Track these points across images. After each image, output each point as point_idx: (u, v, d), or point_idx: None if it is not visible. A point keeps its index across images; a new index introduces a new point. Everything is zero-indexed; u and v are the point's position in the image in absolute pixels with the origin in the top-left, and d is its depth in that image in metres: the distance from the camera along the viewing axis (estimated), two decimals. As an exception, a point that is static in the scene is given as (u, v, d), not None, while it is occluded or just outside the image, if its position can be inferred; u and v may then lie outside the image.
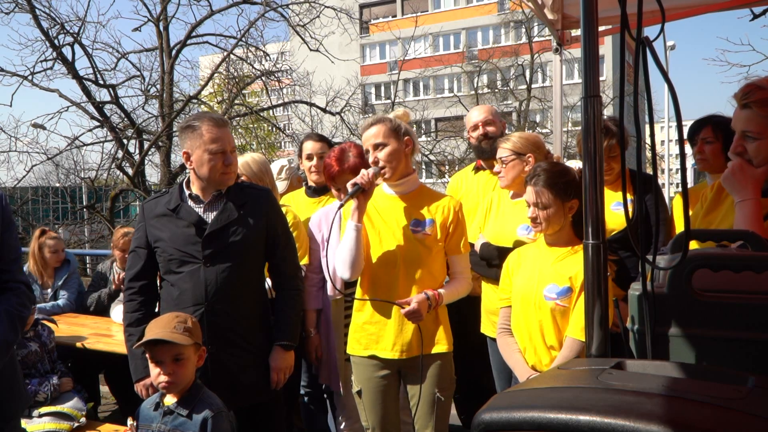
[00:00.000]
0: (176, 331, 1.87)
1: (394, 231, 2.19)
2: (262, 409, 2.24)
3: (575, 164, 2.42)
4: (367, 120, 2.25)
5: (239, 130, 13.08)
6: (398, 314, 2.15)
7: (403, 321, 2.14)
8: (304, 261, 2.65)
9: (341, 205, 2.13)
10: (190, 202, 2.22)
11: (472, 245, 2.54)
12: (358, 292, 2.24)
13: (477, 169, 3.04)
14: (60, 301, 3.82)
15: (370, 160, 2.19)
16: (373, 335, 2.19)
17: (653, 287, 1.22)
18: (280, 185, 3.23)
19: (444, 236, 2.21)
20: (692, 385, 0.91)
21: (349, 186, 2.11)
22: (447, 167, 14.96)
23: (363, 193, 2.11)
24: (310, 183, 3.03)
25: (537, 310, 2.06)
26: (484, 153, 2.93)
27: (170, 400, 1.91)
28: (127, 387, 3.61)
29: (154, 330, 1.87)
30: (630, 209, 2.43)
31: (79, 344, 3.04)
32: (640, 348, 1.24)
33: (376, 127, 2.18)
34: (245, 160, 2.80)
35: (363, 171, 2.12)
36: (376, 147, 2.17)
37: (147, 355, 1.92)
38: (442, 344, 2.17)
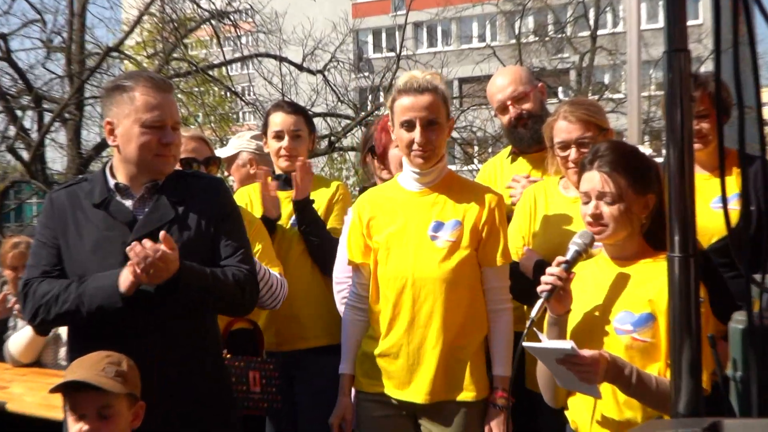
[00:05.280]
0: (105, 374, 1.89)
1: (407, 240, 2.35)
2: None
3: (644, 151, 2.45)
4: (414, 81, 2.34)
5: (179, 95, 13.10)
6: (419, 347, 2.31)
7: (424, 356, 2.30)
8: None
9: (532, 322, 2.10)
10: (117, 196, 2.26)
11: (515, 263, 2.58)
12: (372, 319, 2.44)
13: (514, 155, 3.07)
14: None
15: (416, 138, 2.31)
16: (384, 370, 2.36)
17: (762, 319, 1.24)
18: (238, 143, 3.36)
19: (474, 242, 2.35)
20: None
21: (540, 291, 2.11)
22: (476, 148, 14.96)
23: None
24: (279, 171, 3.07)
25: (604, 349, 2.07)
26: (523, 141, 2.95)
27: None
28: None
29: (76, 371, 1.90)
30: (738, 207, 2.46)
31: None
32: (744, 402, 1.26)
33: (431, 96, 2.31)
34: None
35: (551, 270, 2.10)
36: (429, 124, 2.30)
37: (66, 406, 1.93)
38: (469, 390, 2.31)
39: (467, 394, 2.32)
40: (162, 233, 2.05)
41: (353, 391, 2.50)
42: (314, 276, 2.99)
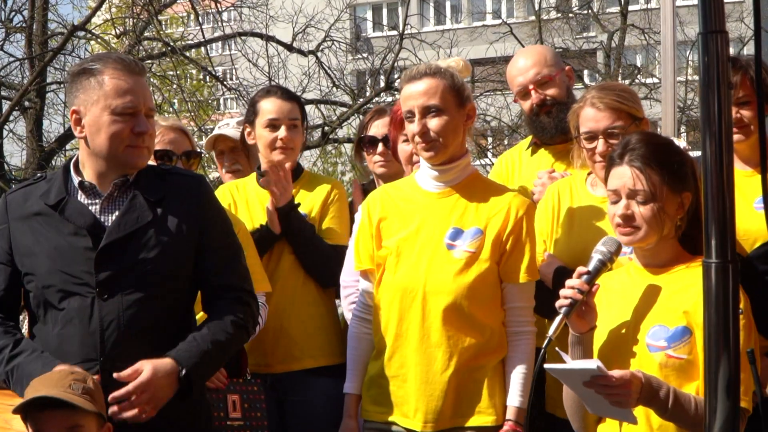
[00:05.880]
0: (72, 391, 1.91)
1: (420, 247, 2.38)
2: None
3: (678, 144, 2.46)
4: (414, 69, 2.42)
5: (152, 79, 13.09)
6: (428, 369, 2.33)
7: (434, 380, 2.33)
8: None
9: (549, 342, 2.11)
10: (81, 195, 2.27)
11: None
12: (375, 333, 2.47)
13: (535, 146, 3.09)
14: None
15: (414, 129, 2.36)
16: (393, 394, 2.39)
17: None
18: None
19: (496, 254, 2.38)
20: None
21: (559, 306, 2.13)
22: (490, 140, 14.98)
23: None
24: (264, 167, 3.09)
25: (634, 368, 2.08)
26: (546, 131, 2.98)
27: None
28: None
29: (40, 388, 1.92)
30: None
31: None
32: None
33: (430, 81, 2.35)
34: None
35: (571, 283, 2.12)
36: (427, 111, 2.33)
37: (29, 430, 1.96)
38: (487, 414, 2.34)
39: (485, 419, 2.35)
40: (114, 375, 2.07)
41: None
42: (308, 288, 3.01)
